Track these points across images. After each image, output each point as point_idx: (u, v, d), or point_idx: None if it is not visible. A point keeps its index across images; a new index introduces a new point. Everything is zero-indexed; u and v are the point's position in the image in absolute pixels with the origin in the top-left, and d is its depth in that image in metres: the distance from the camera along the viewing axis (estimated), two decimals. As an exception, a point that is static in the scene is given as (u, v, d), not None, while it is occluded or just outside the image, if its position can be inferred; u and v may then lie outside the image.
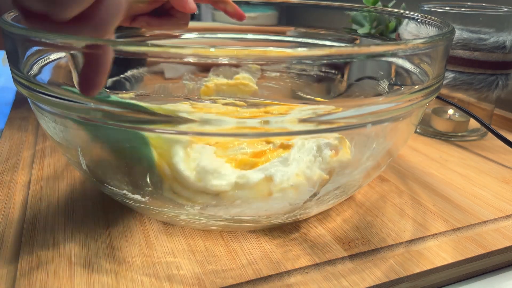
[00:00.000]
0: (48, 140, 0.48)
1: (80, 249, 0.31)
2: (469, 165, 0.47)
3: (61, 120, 0.29)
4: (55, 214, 0.35)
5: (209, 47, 0.22)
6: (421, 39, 0.28)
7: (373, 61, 0.38)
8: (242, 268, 0.29)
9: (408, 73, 0.34)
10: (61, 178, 0.40)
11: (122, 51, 0.23)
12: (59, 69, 0.33)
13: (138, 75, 0.49)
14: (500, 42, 0.48)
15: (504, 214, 0.37)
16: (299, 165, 0.31)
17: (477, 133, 0.55)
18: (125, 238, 0.32)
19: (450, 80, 0.51)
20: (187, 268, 0.29)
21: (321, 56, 0.24)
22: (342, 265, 0.30)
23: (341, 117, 0.26)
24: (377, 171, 0.36)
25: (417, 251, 0.32)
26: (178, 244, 0.32)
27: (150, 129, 0.26)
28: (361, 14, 0.52)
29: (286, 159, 0.32)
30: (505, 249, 0.33)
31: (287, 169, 0.31)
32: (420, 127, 0.56)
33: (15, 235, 0.32)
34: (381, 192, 0.40)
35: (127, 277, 0.28)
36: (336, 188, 0.33)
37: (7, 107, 0.61)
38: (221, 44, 0.53)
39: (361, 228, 0.34)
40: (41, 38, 0.25)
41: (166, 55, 0.23)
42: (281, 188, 0.30)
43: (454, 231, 0.34)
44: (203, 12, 0.57)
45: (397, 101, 0.28)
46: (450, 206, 0.38)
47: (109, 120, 0.25)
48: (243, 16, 0.50)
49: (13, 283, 0.28)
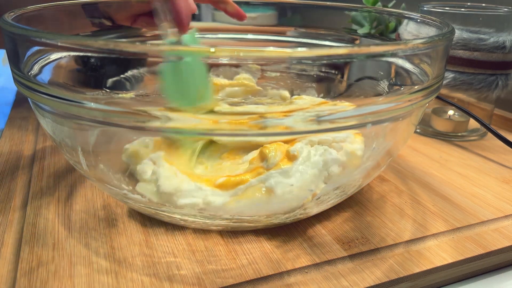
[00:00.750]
0: (48, 140, 0.48)
1: (80, 249, 0.31)
2: (469, 165, 0.47)
3: (61, 120, 0.30)
4: (55, 214, 0.35)
5: (209, 47, 0.22)
6: (421, 39, 0.28)
7: (373, 61, 0.38)
8: (242, 268, 0.29)
9: (408, 73, 0.34)
10: (61, 178, 0.40)
11: (122, 51, 0.23)
12: (60, 69, 0.33)
13: (138, 75, 0.49)
14: (500, 42, 0.48)
15: (504, 214, 0.37)
16: (302, 178, 0.30)
17: (477, 133, 0.55)
18: (125, 238, 0.32)
19: (450, 80, 0.51)
20: (187, 268, 0.29)
21: (321, 56, 0.24)
22: (342, 265, 0.30)
23: (341, 117, 0.26)
24: (377, 171, 0.36)
25: (417, 251, 0.32)
26: (178, 244, 0.32)
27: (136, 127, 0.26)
28: (361, 14, 0.52)
29: (286, 171, 0.31)
30: (504, 249, 0.33)
31: (288, 181, 0.30)
32: (420, 127, 0.56)
33: (15, 235, 0.32)
34: (381, 192, 0.40)
35: (127, 277, 0.28)
36: (336, 188, 0.33)
37: (7, 107, 0.61)
38: (221, 44, 0.53)
39: (361, 228, 0.34)
40: (41, 38, 0.25)
41: (166, 55, 0.23)
42: (283, 199, 0.30)
43: (454, 231, 0.34)
44: (203, 12, 0.57)
45: (397, 101, 0.28)
46: (450, 206, 0.38)
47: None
48: (244, 16, 0.50)
49: (13, 283, 0.28)
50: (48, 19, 0.39)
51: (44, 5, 0.37)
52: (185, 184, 0.31)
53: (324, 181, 0.32)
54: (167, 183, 0.31)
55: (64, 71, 0.33)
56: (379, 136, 0.33)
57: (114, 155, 0.36)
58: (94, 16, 0.46)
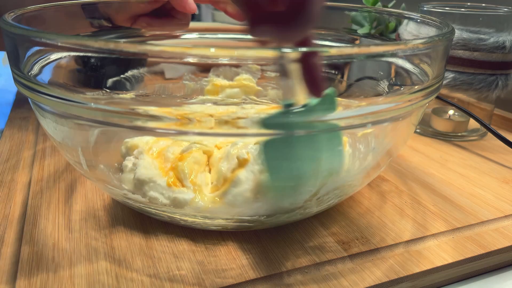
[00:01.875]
0: (49, 140, 0.48)
1: (80, 249, 0.31)
2: (469, 165, 0.47)
3: (61, 120, 0.30)
4: (55, 214, 0.35)
5: (209, 47, 0.22)
6: (421, 39, 0.28)
7: (373, 61, 0.38)
8: (242, 268, 0.29)
9: (408, 73, 0.34)
10: (61, 178, 0.40)
11: (122, 51, 0.23)
12: (60, 69, 0.33)
13: (139, 75, 0.49)
14: (500, 42, 0.48)
15: (504, 214, 0.37)
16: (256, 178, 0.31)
17: (477, 133, 0.55)
18: (125, 238, 0.32)
19: (450, 80, 0.51)
20: (187, 268, 0.29)
21: (321, 56, 0.24)
22: (342, 265, 0.30)
23: (341, 117, 0.26)
24: (377, 171, 0.36)
25: (417, 251, 0.32)
26: (178, 244, 0.32)
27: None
28: (361, 14, 0.52)
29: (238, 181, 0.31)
30: (504, 249, 0.33)
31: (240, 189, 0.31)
32: (420, 127, 0.56)
33: (15, 235, 0.32)
34: (381, 192, 0.40)
35: (127, 277, 0.28)
36: (336, 188, 0.33)
37: (7, 107, 0.61)
38: (221, 45, 0.53)
39: (361, 228, 0.34)
40: (41, 38, 0.25)
41: (166, 55, 0.23)
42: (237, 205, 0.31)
43: (454, 231, 0.34)
44: (203, 12, 0.57)
45: (397, 101, 0.28)
46: (450, 206, 0.38)
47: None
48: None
49: (13, 283, 0.28)
50: (48, 19, 0.39)
51: (44, 5, 0.37)
52: (158, 178, 0.32)
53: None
54: (143, 171, 0.32)
55: (64, 71, 0.33)
56: (379, 136, 0.33)
57: (114, 155, 0.36)
58: (94, 16, 0.46)
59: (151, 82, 0.50)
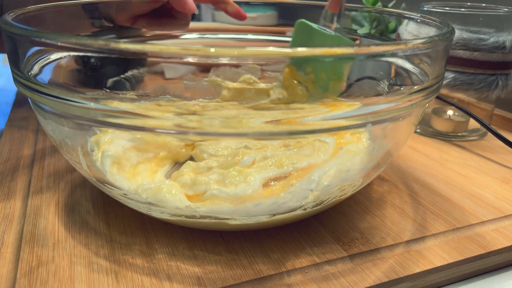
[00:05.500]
0: (48, 140, 0.48)
1: (80, 249, 0.31)
2: (469, 165, 0.47)
3: (61, 120, 0.30)
4: (55, 214, 0.35)
5: (209, 47, 0.22)
6: (421, 39, 0.28)
7: (373, 61, 0.38)
8: (242, 268, 0.29)
9: (408, 73, 0.34)
10: (61, 178, 0.40)
11: (122, 51, 0.23)
12: (60, 69, 0.33)
13: (139, 75, 0.49)
14: (500, 42, 0.48)
15: (504, 214, 0.37)
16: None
17: (477, 133, 0.55)
18: (125, 238, 0.32)
19: (450, 80, 0.51)
20: (187, 268, 0.29)
21: (321, 56, 0.24)
22: (342, 265, 0.30)
23: (341, 117, 0.26)
24: (377, 171, 0.36)
25: (417, 251, 0.32)
26: (178, 244, 0.32)
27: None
28: (361, 14, 0.52)
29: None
30: (505, 249, 0.33)
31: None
32: (420, 127, 0.56)
33: (15, 235, 0.32)
34: (381, 192, 0.40)
35: (127, 277, 0.28)
36: (336, 188, 0.33)
37: (7, 107, 0.61)
38: (221, 44, 0.53)
39: (361, 228, 0.34)
40: (41, 38, 0.25)
41: (166, 55, 0.23)
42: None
43: (454, 231, 0.34)
44: (203, 12, 0.57)
45: (397, 101, 0.28)
46: (450, 206, 0.38)
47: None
48: (244, 16, 0.50)
49: (13, 283, 0.28)
50: (49, 19, 0.39)
51: (44, 5, 0.37)
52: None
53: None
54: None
55: (64, 71, 0.33)
56: (379, 136, 0.33)
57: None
58: (94, 16, 0.46)
59: (151, 82, 0.50)
